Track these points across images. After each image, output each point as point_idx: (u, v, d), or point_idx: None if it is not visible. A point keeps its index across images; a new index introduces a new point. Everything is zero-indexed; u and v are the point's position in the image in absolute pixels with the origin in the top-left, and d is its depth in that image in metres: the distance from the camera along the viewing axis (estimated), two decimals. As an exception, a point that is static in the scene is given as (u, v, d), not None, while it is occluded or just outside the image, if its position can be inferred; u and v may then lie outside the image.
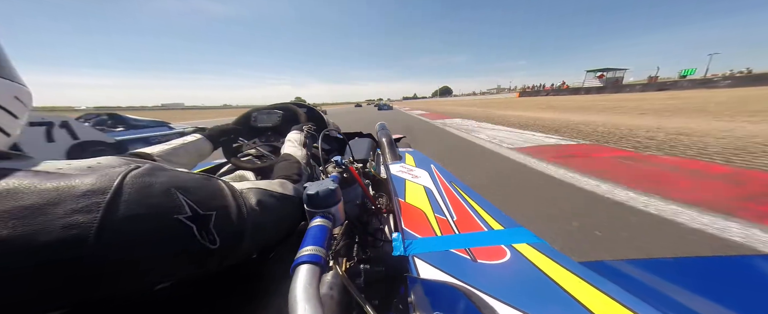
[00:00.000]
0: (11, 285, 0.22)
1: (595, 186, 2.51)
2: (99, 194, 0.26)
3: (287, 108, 1.18)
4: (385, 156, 1.20)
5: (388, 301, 0.56)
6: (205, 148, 0.89)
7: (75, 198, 0.25)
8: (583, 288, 0.38)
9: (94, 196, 0.26)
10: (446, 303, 0.35)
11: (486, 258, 0.47)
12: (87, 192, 0.26)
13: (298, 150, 0.78)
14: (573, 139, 4.99)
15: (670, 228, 1.73)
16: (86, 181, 0.27)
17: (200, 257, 0.32)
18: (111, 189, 0.27)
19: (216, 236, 0.33)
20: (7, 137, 0.33)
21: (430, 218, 0.63)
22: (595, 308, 0.34)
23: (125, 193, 0.27)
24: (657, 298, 0.36)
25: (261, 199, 0.45)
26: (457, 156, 4.26)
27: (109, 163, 0.31)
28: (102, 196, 0.26)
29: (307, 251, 0.35)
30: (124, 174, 0.29)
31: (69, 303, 0.25)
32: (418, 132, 7.52)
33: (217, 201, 0.36)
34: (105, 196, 0.26)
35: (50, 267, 0.23)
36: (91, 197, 0.25)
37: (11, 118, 0.34)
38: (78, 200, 0.25)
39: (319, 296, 0.28)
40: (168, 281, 0.31)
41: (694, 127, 5.31)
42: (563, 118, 8.75)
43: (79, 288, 0.24)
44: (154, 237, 0.28)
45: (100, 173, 0.28)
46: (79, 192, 0.25)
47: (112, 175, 0.28)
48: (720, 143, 3.91)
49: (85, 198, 0.25)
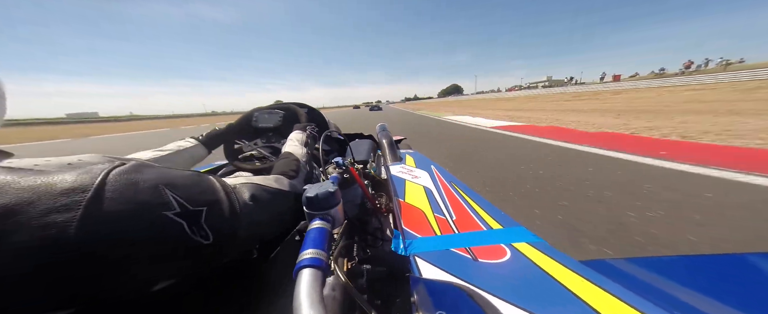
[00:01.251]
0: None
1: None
2: (79, 192, 0.25)
3: (288, 108, 1.18)
4: (386, 157, 1.20)
5: (391, 301, 0.56)
6: (199, 153, 0.89)
7: (53, 197, 0.24)
8: (583, 285, 0.38)
9: (74, 195, 0.24)
10: (449, 302, 0.35)
11: (487, 257, 0.47)
12: (66, 191, 0.24)
13: (299, 148, 0.79)
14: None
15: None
16: (66, 179, 0.25)
17: (194, 253, 0.31)
18: (92, 186, 0.25)
19: (208, 231, 0.32)
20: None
21: (429, 218, 0.64)
22: (596, 305, 0.34)
23: (108, 191, 0.26)
24: (657, 295, 0.36)
25: (255, 194, 0.44)
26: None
27: (91, 160, 0.30)
28: (82, 194, 0.25)
29: (308, 254, 0.35)
30: (107, 171, 0.28)
31: (55, 306, 0.24)
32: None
33: (207, 197, 0.35)
34: (86, 194, 0.25)
35: (29, 269, 0.22)
36: (71, 195, 0.24)
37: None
38: (56, 198, 0.24)
39: (322, 300, 0.28)
40: (166, 280, 0.31)
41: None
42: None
43: (62, 290, 0.23)
44: (141, 235, 0.27)
45: (81, 170, 0.27)
46: (58, 191, 0.24)
47: (93, 173, 0.27)
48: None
49: (64, 197, 0.24)
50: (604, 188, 2.34)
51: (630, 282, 0.38)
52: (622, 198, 2.10)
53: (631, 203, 2.00)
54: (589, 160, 3.29)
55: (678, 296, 0.37)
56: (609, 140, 4.32)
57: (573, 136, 5.01)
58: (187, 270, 0.32)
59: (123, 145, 10.29)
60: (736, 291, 0.37)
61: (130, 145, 10.18)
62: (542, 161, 3.42)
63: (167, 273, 0.30)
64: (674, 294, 0.37)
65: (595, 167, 2.99)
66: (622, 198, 2.10)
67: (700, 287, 0.39)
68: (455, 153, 4.40)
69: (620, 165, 2.99)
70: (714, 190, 2.11)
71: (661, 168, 2.76)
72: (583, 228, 1.70)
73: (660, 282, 0.40)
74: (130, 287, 0.28)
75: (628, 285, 0.37)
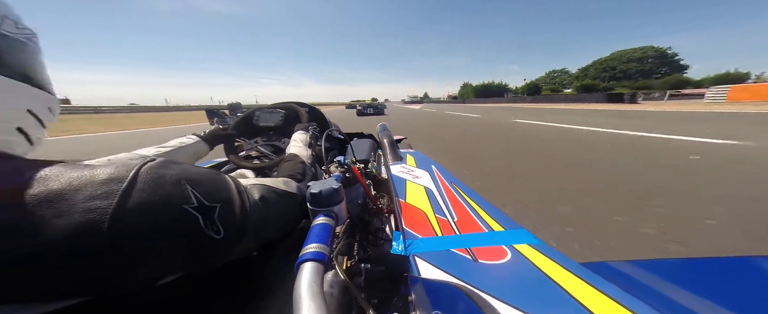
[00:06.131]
0: (29, 270, 0.23)
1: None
2: (117, 182, 0.28)
3: (289, 107, 1.19)
4: (386, 156, 1.20)
5: (389, 300, 0.56)
6: (201, 150, 0.93)
7: (96, 185, 0.27)
8: (583, 288, 0.38)
9: (113, 184, 0.28)
10: (446, 302, 0.35)
11: (486, 258, 0.47)
12: (106, 180, 0.28)
13: (304, 150, 0.81)
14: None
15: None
16: (106, 171, 0.29)
17: (205, 246, 0.33)
18: (127, 178, 0.29)
19: (220, 227, 0.34)
20: (30, 145, 0.35)
21: (430, 218, 0.64)
22: (596, 308, 0.34)
23: (139, 183, 0.29)
24: (657, 299, 0.36)
25: (264, 195, 0.46)
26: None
27: (127, 156, 0.34)
28: (119, 184, 0.28)
29: (311, 248, 0.35)
30: (140, 165, 0.31)
31: (83, 290, 0.26)
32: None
33: (221, 194, 0.37)
34: (121, 184, 0.28)
35: (68, 251, 0.24)
36: (110, 184, 0.27)
37: (40, 127, 0.36)
38: (98, 187, 0.27)
39: (323, 293, 0.28)
40: (174, 274, 0.32)
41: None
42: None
43: (95, 273, 0.25)
44: (163, 225, 0.29)
45: (118, 164, 0.30)
46: (99, 180, 0.27)
47: (129, 166, 0.30)
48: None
49: (104, 186, 0.27)
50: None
51: (630, 285, 0.38)
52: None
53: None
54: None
55: (678, 299, 0.37)
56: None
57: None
58: (195, 263, 0.33)
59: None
60: (735, 295, 0.37)
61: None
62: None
63: (177, 265, 0.32)
64: (674, 298, 0.37)
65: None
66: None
67: (700, 290, 0.38)
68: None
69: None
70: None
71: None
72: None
73: (660, 285, 0.40)
74: (143, 276, 0.29)
75: (628, 287, 0.37)
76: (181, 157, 0.82)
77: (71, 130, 10.84)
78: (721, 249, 1.51)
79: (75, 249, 0.24)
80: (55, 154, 0.42)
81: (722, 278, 0.41)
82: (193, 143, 0.89)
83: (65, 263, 0.24)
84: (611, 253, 1.53)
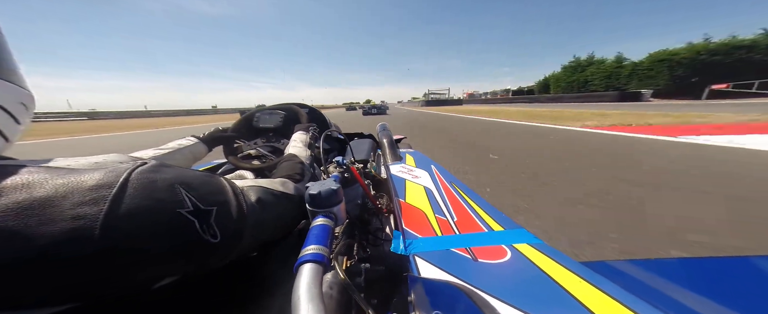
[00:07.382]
0: (19, 276, 0.22)
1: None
2: (106, 188, 0.27)
3: (289, 108, 1.19)
4: (386, 156, 1.20)
5: (388, 300, 0.56)
6: (199, 151, 0.92)
7: (83, 192, 0.26)
8: (583, 287, 0.38)
9: (102, 190, 0.27)
10: (446, 302, 0.35)
11: (486, 258, 0.47)
12: (94, 186, 0.27)
13: (303, 150, 0.80)
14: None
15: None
16: (94, 176, 0.28)
17: (202, 250, 0.32)
18: (117, 183, 0.28)
19: (217, 230, 0.33)
20: (5, 142, 0.33)
21: (430, 218, 0.63)
22: (596, 308, 0.34)
23: (130, 188, 0.28)
24: (658, 298, 0.36)
25: (261, 197, 0.45)
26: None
27: (116, 159, 0.33)
28: (108, 190, 0.27)
29: (310, 250, 0.35)
30: (130, 169, 0.30)
31: (77, 295, 0.25)
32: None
33: (217, 197, 0.36)
34: (111, 190, 0.27)
35: (58, 258, 0.23)
36: (99, 191, 0.26)
37: (14, 123, 0.34)
38: (86, 193, 0.26)
39: (322, 295, 0.28)
40: (171, 277, 0.31)
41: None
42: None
43: (85, 280, 0.25)
44: (157, 230, 0.28)
45: (107, 169, 0.29)
46: (87, 186, 0.27)
47: (119, 171, 0.29)
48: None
49: (93, 192, 0.26)
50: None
51: (630, 284, 0.38)
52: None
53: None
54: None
55: (678, 299, 0.37)
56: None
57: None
58: (192, 267, 0.33)
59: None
60: (736, 294, 0.37)
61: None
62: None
63: (174, 270, 0.31)
64: (674, 297, 0.37)
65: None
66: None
67: (700, 290, 0.38)
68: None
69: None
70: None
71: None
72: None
73: (660, 284, 0.40)
74: (140, 281, 0.29)
75: (628, 287, 0.37)
76: (179, 158, 0.81)
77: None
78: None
79: (65, 256, 0.23)
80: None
81: (722, 278, 0.41)
82: (191, 145, 0.87)
83: (56, 270, 0.23)
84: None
